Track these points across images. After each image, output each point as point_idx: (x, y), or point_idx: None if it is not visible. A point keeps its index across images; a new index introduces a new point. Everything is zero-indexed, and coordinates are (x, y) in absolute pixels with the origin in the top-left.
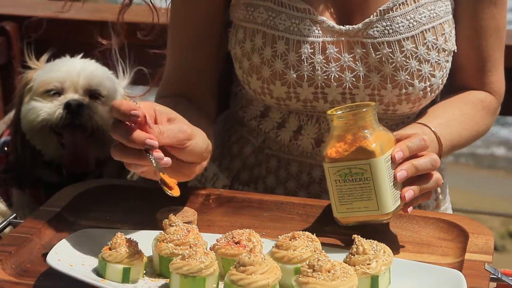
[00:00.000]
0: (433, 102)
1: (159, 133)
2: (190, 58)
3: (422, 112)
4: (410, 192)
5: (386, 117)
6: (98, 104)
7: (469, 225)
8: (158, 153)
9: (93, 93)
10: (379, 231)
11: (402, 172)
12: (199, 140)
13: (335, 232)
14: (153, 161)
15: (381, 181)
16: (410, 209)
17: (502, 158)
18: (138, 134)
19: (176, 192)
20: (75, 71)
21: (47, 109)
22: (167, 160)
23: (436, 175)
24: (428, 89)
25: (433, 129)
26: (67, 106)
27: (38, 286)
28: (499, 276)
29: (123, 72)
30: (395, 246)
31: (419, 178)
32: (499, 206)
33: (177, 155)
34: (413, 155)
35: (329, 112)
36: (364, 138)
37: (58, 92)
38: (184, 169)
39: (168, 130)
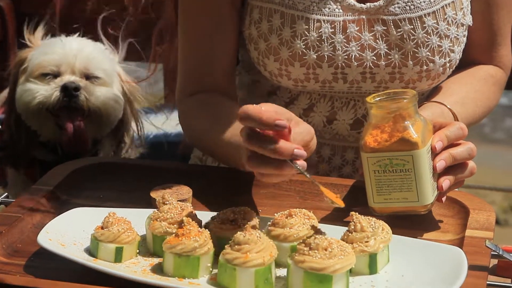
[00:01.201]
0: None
1: (294, 140)
2: (212, 46)
3: (434, 89)
4: (446, 181)
5: None
6: (95, 86)
7: (470, 201)
8: (301, 161)
9: (89, 75)
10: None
11: (441, 162)
12: (315, 138)
13: (332, 209)
14: (304, 172)
15: (423, 172)
16: (444, 198)
17: (505, 131)
18: (285, 145)
19: (340, 202)
20: (72, 53)
21: (43, 91)
22: (305, 164)
23: (471, 163)
24: (448, 64)
25: (449, 107)
26: (64, 88)
27: (29, 266)
28: (500, 253)
29: (116, 47)
30: (394, 223)
31: (454, 167)
32: (502, 180)
33: None
34: (450, 144)
35: (368, 99)
36: (406, 129)
37: (55, 75)
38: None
39: (298, 134)
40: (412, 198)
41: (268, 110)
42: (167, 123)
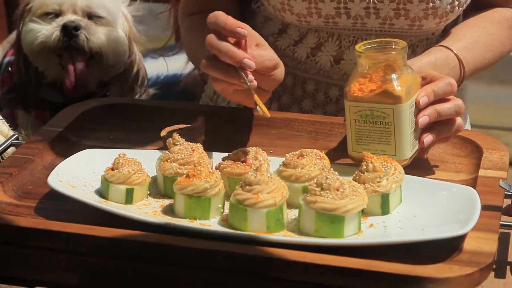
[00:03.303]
0: (457, 20)
1: (251, 57)
2: None
3: (446, 31)
4: (429, 137)
5: (411, 33)
6: (97, 26)
7: (484, 140)
8: (250, 75)
9: (92, 14)
10: None
11: (425, 117)
12: (282, 69)
13: (344, 149)
14: (246, 81)
15: (403, 127)
16: (426, 153)
17: None
18: (238, 50)
19: (267, 113)
20: None
21: (45, 31)
22: (255, 82)
23: (459, 120)
24: (456, 2)
25: (456, 52)
26: (64, 28)
27: (40, 208)
28: None
29: None
30: None
31: (439, 123)
32: None
33: (259, 82)
34: (438, 99)
35: (357, 47)
36: (390, 81)
37: (57, 14)
38: (261, 96)
39: (258, 56)
40: (389, 152)
41: (235, 20)
42: (177, 64)
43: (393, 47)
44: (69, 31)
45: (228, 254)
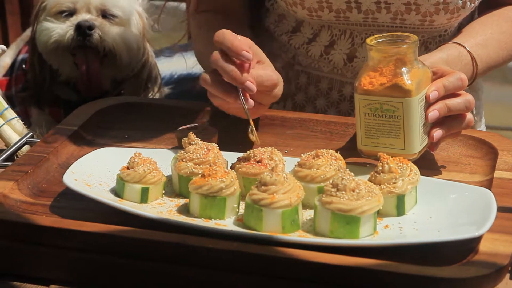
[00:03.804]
0: (471, 19)
1: (253, 79)
2: None
3: (460, 30)
4: (439, 132)
5: (423, 29)
6: (111, 25)
7: (499, 142)
8: (249, 98)
9: (106, 13)
10: None
11: (434, 112)
12: (281, 88)
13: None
14: (244, 104)
15: (412, 121)
16: (436, 147)
17: None
18: (241, 74)
19: (258, 140)
20: None
21: (59, 30)
22: (251, 102)
23: (469, 116)
24: None
25: (469, 49)
26: (78, 27)
27: (55, 207)
28: None
29: None
30: (422, 164)
31: (449, 118)
32: None
33: (258, 98)
34: (448, 94)
35: (368, 41)
36: (401, 75)
37: (71, 13)
38: (258, 110)
39: (258, 76)
40: (398, 145)
41: (241, 41)
42: (191, 63)
43: (404, 41)
44: (83, 30)
45: (243, 254)
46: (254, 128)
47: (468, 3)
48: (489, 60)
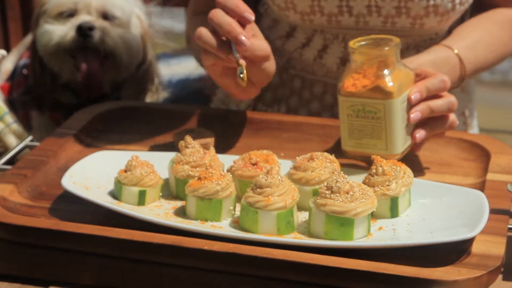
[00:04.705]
0: (462, 22)
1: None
2: None
3: (450, 32)
4: (421, 133)
5: (413, 32)
6: (112, 26)
7: (492, 144)
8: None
9: (107, 15)
10: None
11: (417, 113)
12: (272, 63)
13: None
14: (236, 56)
15: (394, 122)
16: (419, 148)
17: None
18: (239, 27)
19: (245, 81)
20: None
21: (59, 32)
22: (244, 62)
23: (452, 117)
24: (457, 0)
25: (457, 51)
26: (79, 28)
27: (54, 209)
28: None
29: None
30: (416, 167)
31: (433, 119)
32: None
33: (249, 72)
34: (431, 96)
35: (350, 44)
36: (382, 77)
37: (72, 14)
38: (248, 90)
39: (251, 44)
40: (381, 146)
41: (244, 4)
42: (189, 67)
43: (387, 43)
44: (84, 31)
45: (239, 255)
46: (245, 72)
47: (458, 5)
48: (477, 63)
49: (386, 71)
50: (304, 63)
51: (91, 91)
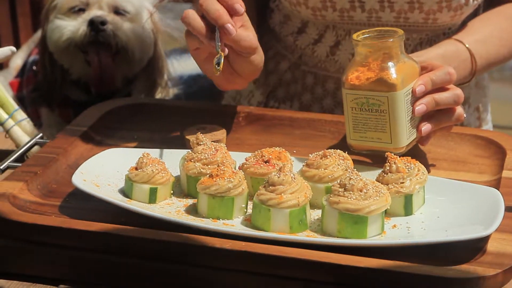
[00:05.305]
0: (475, 17)
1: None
2: None
3: (460, 28)
4: (427, 126)
5: (426, 27)
6: (123, 21)
7: (507, 141)
8: (223, 47)
9: (118, 9)
10: (412, 149)
11: (422, 106)
12: (259, 57)
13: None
14: (217, 45)
15: (398, 115)
16: (426, 142)
17: None
18: (226, 13)
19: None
20: None
21: (71, 27)
22: (226, 51)
23: (458, 110)
24: None
25: (467, 45)
26: (91, 23)
27: (64, 207)
28: None
29: None
30: (430, 164)
31: (439, 112)
32: None
33: (232, 61)
34: (436, 88)
35: (354, 36)
36: (386, 70)
37: (83, 9)
38: (230, 76)
39: (238, 34)
40: (385, 139)
41: None
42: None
43: (390, 35)
44: (96, 25)
45: (251, 254)
46: (222, 61)
47: (471, 0)
48: (488, 57)
49: (390, 63)
50: (317, 60)
51: (103, 86)
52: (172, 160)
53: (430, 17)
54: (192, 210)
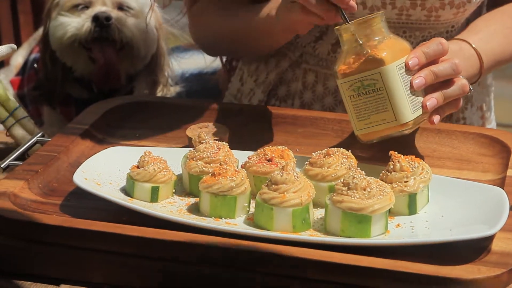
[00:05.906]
0: (480, 15)
1: None
2: None
3: (467, 25)
4: (432, 100)
5: (429, 25)
6: (127, 17)
7: None
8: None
9: (122, 6)
10: (416, 147)
11: (420, 79)
12: None
13: (371, 148)
14: (346, 17)
15: (395, 89)
16: (436, 119)
17: None
18: None
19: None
20: None
21: (75, 23)
22: (353, 5)
23: (462, 81)
24: None
25: (473, 44)
26: (95, 19)
27: (65, 206)
28: None
29: None
30: (434, 163)
31: (442, 85)
32: None
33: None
34: (432, 61)
35: (335, 28)
36: (373, 48)
37: (86, 6)
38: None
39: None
40: (389, 118)
41: None
42: (203, 61)
43: (368, 17)
44: (101, 21)
45: (253, 253)
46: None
47: None
48: (495, 55)
49: (375, 39)
50: (318, 58)
51: (108, 82)
52: (174, 159)
53: (432, 14)
54: (194, 209)
